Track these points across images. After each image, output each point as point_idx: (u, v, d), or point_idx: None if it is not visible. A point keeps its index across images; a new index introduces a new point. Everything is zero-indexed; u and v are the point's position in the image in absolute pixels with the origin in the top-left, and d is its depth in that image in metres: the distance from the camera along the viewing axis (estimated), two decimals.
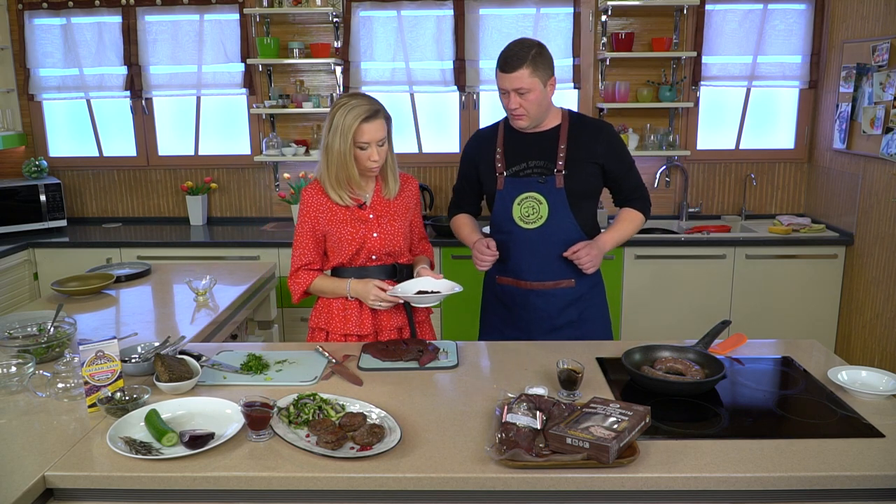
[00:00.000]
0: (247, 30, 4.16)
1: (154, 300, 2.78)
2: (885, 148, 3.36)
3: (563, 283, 2.32)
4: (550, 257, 2.28)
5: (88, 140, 4.47)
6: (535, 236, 2.28)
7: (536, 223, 2.28)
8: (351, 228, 2.21)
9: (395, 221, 2.26)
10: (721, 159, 4.28)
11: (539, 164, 2.27)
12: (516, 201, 2.29)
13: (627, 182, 2.35)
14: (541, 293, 2.33)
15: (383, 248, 2.25)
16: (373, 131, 2.08)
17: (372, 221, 2.23)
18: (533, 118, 2.23)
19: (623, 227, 2.35)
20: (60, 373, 1.83)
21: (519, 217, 2.29)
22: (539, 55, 2.15)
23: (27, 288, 3.88)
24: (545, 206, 2.26)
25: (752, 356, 2.06)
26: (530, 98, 2.17)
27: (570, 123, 2.29)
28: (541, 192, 2.26)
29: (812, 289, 3.83)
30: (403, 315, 2.32)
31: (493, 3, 4.09)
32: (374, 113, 2.08)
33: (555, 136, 2.27)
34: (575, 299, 2.33)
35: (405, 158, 4.36)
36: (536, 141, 2.29)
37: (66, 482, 1.44)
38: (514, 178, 2.29)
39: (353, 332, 2.26)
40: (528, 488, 1.41)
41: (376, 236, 2.23)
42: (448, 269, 3.82)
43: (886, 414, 1.66)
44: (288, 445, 1.51)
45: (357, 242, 2.22)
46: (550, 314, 2.33)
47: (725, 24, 4.07)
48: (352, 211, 2.22)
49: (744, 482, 1.41)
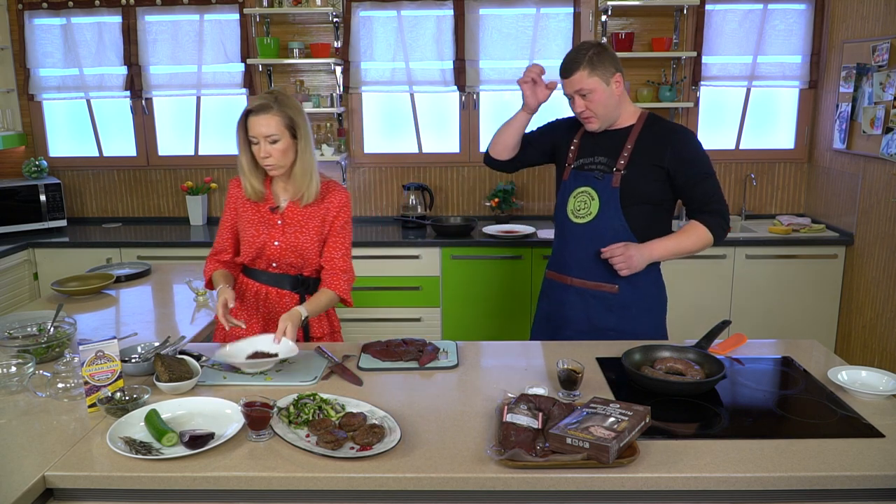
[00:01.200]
0: (247, 30, 4.16)
1: (154, 300, 2.78)
2: (885, 148, 3.36)
3: (605, 287, 2.25)
4: (595, 256, 2.22)
5: (88, 140, 4.47)
6: (582, 231, 2.25)
7: (586, 218, 2.24)
8: (254, 230, 2.18)
9: (302, 233, 2.18)
10: (721, 159, 4.28)
11: (603, 160, 2.24)
12: (573, 194, 2.28)
13: (696, 192, 2.20)
14: (580, 291, 2.29)
15: (283, 258, 2.19)
16: (257, 125, 2.02)
17: (277, 228, 2.17)
18: (602, 119, 2.21)
19: (680, 238, 2.21)
20: (60, 373, 1.83)
21: (571, 210, 2.28)
22: (596, 55, 2.15)
23: (27, 288, 3.88)
24: (596, 203, 2.22)
25: (752, 356, 2.06)
26: (594, 99, 2.16)
27: (644, 125, 2.24)
28: (595, 187, 2.23)
29: (812, 289, 3.83)
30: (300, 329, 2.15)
31: (493, 3, 4.09)
32: (262, 107, 2.02)
33: (625, 135, 2.24)
34: (616, 306, 2.26)
35: (405, 158, 4.36)
36: (607, 138, 2.26)
37: (66, 482, 1.44)
38: (577, 171, 2.29)
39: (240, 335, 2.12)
40: (528, 488, 1.41)
41: (277, 245, 2.17)
42: (448, 269, 3.82)
43: (886, 414, 1.66)
44: (288, 445, 1.51)
45: (257, 246, 2.18)
46: (588, 315, 2.28)
47: (725, 24, 4.07)
48: (262, 213, 2.18)
49: (744, 482, 1.41)
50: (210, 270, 2.27)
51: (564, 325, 2.33)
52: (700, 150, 2.24)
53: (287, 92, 2.13)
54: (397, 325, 3.85)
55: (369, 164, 4.38)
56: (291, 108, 2.07)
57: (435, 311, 3.89)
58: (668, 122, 2.30)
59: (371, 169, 4.38)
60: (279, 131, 2.04)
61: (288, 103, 2.07)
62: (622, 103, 2.24)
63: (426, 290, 3.85)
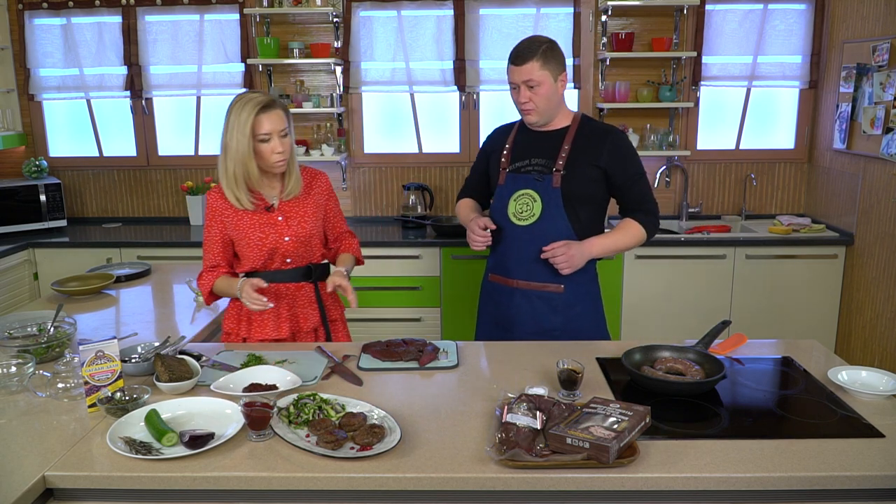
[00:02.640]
0: (247, 30, 4.16)
1: (154, 300, 2.78)
2: (885, 148, 3.36)
3: (551, 287, 2.28)
4: (539, 257, 2.24)
5: (88, 140, 4.47)
6: (526, 234, 2.26)
7: (528, 220, 2.25)
8: (260, 234, 2.16)
9: (306, 222, 2.22)
10: (721, 159, 4.29)
11: (540, 162, 2.26)
12: (512, 197, 2.28)
13: (631, 192, 2.28)
14: (526, 293, 2.30)
15: (297, 251, 2.21)
16: (273, 121, 2.04)
17: (281, 224, 2.18)
18: (542, 113, 2.22)
19: (616, 235, 2.28)
20: (60, 373, 1.83)
21: (513, 213, 2.28)
22: (550, 50, 2.17)
23: (27, 288, 3.88)
24: (539, 204, 2.24)
25: (752, 356, 2.06)
26: (540, 92, 2.17)
27: (579, 125, 2.27)
28: (536, 189, 2.24)
29: (812, 289, 3.83)
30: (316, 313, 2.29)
31: (493, 3, 4.09)
32: (270, 103, 2.05)
33: (561, 136, 2.27)
34: (561, 305, 2.29)
35: (405, 158, 4.36)
36: (542, 139, 2.28)
37: (66, 482, 1.44)
38: (514, 174, 2.29)
39: (271, 337, 2.23)
40: (528, 488, 1.41)
41: (288, 240, 2.19)
42: (448, 269, 3.82)
43: (886, 414, 1.65)
44: (288, 445, 1.51)
45: (268, 247, 2.17)
46: (534, 317, 2.30)
47: (725, 24, 4.07)
48: (259, 215, 2.17)
49: (744, 482, 1.41)
50: (210, 282, 2.21)
51: (512, 327, 2.33)
52: (633, 150, 2.31)
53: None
54: (397, 325, 3.85)
55: (369, 164, 4.38)
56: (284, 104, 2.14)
57: (435, 311, 3.89)
58: (600, 122, 2.34)
59: (371, 169, 4.38)
60: (287, 125, 2.10)
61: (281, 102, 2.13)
62: (561, 103, 2.27)
63: (426, 290, 3.85)
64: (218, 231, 2.19)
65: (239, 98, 2.06)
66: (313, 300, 2.29)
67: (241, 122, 2.02)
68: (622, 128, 4.11)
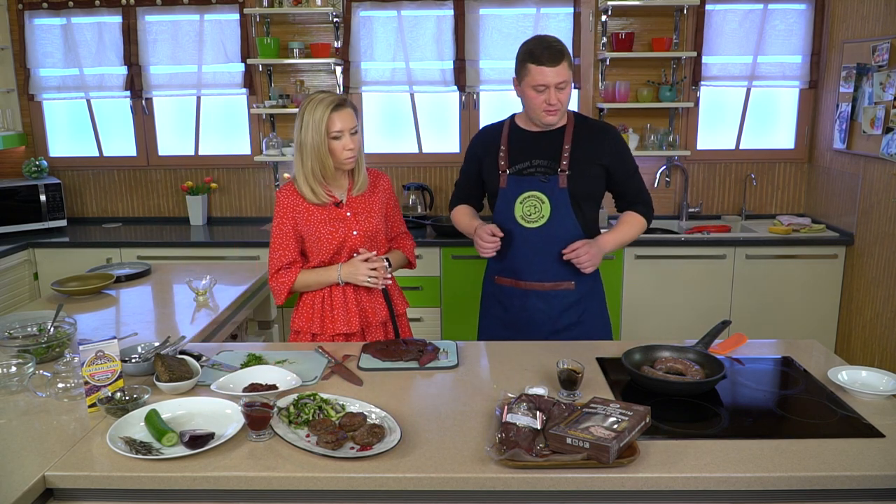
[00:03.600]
0: (247, 30, 4.16)
1: (154, 300, 2.78)
2: (885, 148, 3.36)
3: (563, 285, 2.30)
4: (551, 258, 2.27)
5: (88, 140, 4.47)
6: (536, 236, 2.27)
7: (538, 222, 2.26)
8: (330, 228, 2.23)
9: (372, 218, 2.29)
10: (721, 159, 4.28)
11: (543, 163, 2.25)
12: (518, 199, 2.27)
13: (630, 186, 2.34)
14: (540, 294, 2.31)
15: (364, 246, 2.27)
16: (344, 119, 2.14)
17: (350, 219, 2.26)
18: (562, 114, 2.25)
19: (624, 229, 2.34)
20: (60, 373, 1.83)
21: (521, 216, 2.27)
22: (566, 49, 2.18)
23: (27, 288, 3.88)
24: (547, 206, 2.24)
25: (752, 356, 2.06)
26: (566, 92, 2.17)
27: (576, 124, 2.28)
28: (543, 191, 2.24)
29: (812, 289, 3.83)
30: (386, 309, 2.34)
31: (493, 3, 4.09)
32: (343, 101, 2.15)
33: (559, 136, 2.26)
34: (574, 302, 2.32)
35: (405, 158, 4.36)
36: (541, 140, 2.28)
37: (66, 482, 1.44)
38: (517, 177, 2.27)
39: (342, 332, 2.26)
40: (528, 488, 1.41)
41: (356, 234, 2.26)
42: (448, 269, 3.82)
43: (886, 414, 1.66)
44: (288, 445, 1.51)
45: (337, 241, 2.23)
46: (551, 316, 2.31)
47: (725, 24, 4.07)
48: (328, 210, 2.24)
49: (744, 482, 1.41)
50: (290, 279, 2.24)
51: (526, 329, 2.33)
52: (627, 145, 2.36)
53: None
54: None
55: (369, 164, 4.35)
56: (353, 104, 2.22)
57: (435, 311, 3.89)
58: (595, 120, 2.36)
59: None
60: (356, 123, 2.19)
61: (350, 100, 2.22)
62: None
63: (426, 290, 3.85)
64: (290, 227, 2.24)
65: (311, 98, 2.15)
66: (380, 295, 2.34)
67: (315, 121, 2.11)
68: (621, 127, 4.11)
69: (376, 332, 2.33)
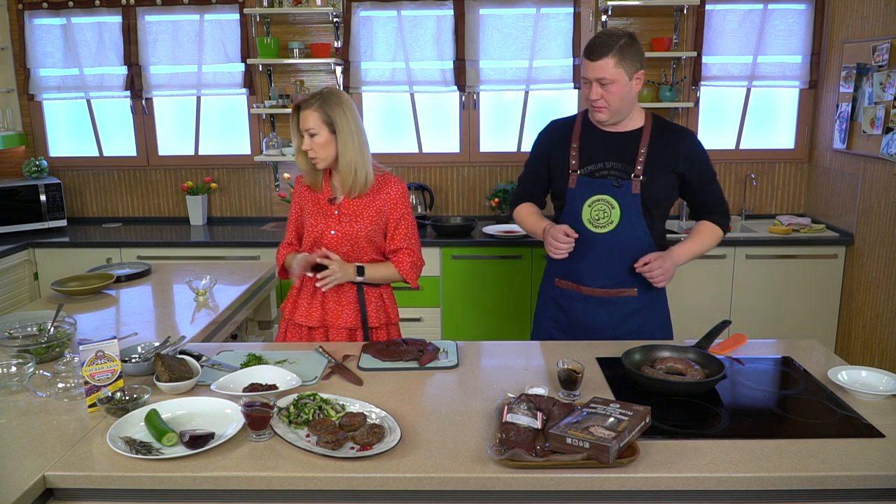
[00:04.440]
0: (247, 30, 4.16)
1: (154, 300, 2.78)
2: (885, 148, 3.36)
3: (626, 292, 2.22)
4: (616, 265, 2.19)
5: (88, 140, 4.47)
6: (603, 241, 2.18)
7: (607, 228, 2.17)
8: (313, 220, 2.30)
9: (356, 223, 2.26)
10: (721, 159, 4.28)
11: (617, 166, 2.16)
12: (587, 203, 2.17)
13: (708, 194, 2.23)
14: (603, 301, 2.23)
15: (339, 248, 2.27)
16: (303, 119, 2.19)
17: (334, 218, 2.28)
18: (614, 112, 2.11)
19: (700, 239, 2.24)
20: (60, 373, 1.83)
21: (588, 219, 2.18)
22: (627, 45, 2.05)
23: (27, 288, 3.88)
24: (617, 211, 2.15)
25: (752, 356, 2.06)
26: (613, 90, 2.06)
27: (654, 127, 2.18)
28: (615, 195, 2.15)
29: (812, 289, 3.83)
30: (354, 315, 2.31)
31: (493, 3, 4.09)
32: (306, 103, 2.19)
33: (636, 138, 2.17)
34: (637, 310, 2.24)
35: (405, 158, 4.36)
36: (616, 141, 2.18)
37: (66, 482, 1.44)
38: (588, 178, 2.18)
39: (303, 323, 2.32)
40: (528, 488, 1.41)
41: (333, 234, 2.27)
42: (448, 269, 3.82)
43: (886, 414, 1.66)
44: (288, 445, 1.51)
45: (314, 235, 2.29)
46: (612, 323, 2.24)
47: (725, 24, 4.07)
48: (321, 205, 2.30)
49: (744, 482, 1.41)
50: (282, 257, 2.42)
51: (586, 334, 2.27)
52: (705, 151, 2.24)
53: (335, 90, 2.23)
54: None
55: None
56: (333, 105, 2.18)
57: (435, 311, 3.89)
58: (673, 123, 2.25)
59: None
60: (317, 126, 2.18)
61: (331, 101, 2.19)
62: (634, 102, 2.16)
63: (426, 290, 3.85)
64: (295, 211, 2.39)
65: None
66: (354, 301, 2.31)
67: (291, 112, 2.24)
68: None
69: (339, 335, 2.31)
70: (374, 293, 2.34)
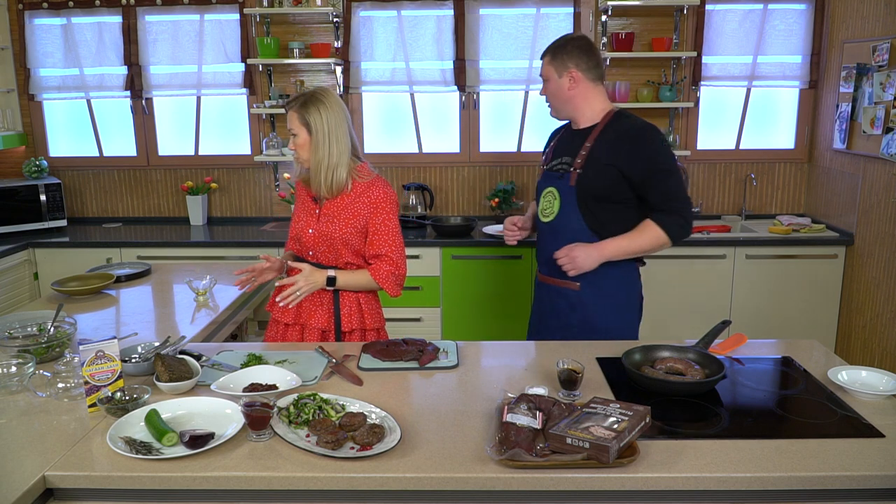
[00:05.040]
0: (247, 30, 4.16)
1: (154, 300, 2.78)
2: (885, 148, 3.36)
3: (570, 285, 2.30)
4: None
5: (88, 140, 4.47)
6: (548, 230, 2.33)
7: (549, 217, 2.31)
8: (297, 218, 2.35)
9: (334, 224, 2.24)
10: (721, 159, 4.29)
11: (566, 160, 2.28)
12: (542, 194, 2.35)
13: (653, 191, 2.19)
14: (552, 289, 2.35)
15: (318, 247, 2.28)
16: (288, 119, 2.23)
17: (314, 217, 2.30)
18: (555, 108, 2.31)
19: (633, 236, 2.21)
20: (60, 373, 1.83)
21: (540, 210, 2.35)
22: (562, 46, 2.21)
23: (27, 288, 3.88)
24: (558, 202, 2.28)
25: (752, 356, 2.06)
26: (546, 88, 2.27)
27: (607, 124, 2.24)
28: (557, 187, 2.28)
29: (812, 289, 3.83)
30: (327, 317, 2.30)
31: (493, 3, 4.09)
32: (288, 104, 2.23)
33: (586, 134, 2.27)
34: (578, 304, 2.30)
35: (405, 158, 4.36)
36: (573, 138, 2.32)
37: (66, 482, 1.44)
38: (547, 172, 2.36)
39: (280, 319, 2.35)
40: (528, 488, 1.41)
41: (311, 232, 2.28)
42: (448, 269, 3.82)
43: (886, 414, 1.66)
44: (288, 445, 1.51)
45: (296, 231, 2.34)
46: (559, 312, 2.34)
47: (725, 24, 4.07)
48: (307, 203, 2.34)
49: (744, 482, 1.41)
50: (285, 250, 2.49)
51: (545, 321, 2.39)
52: (659, 147, 2.20)
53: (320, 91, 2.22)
54: (397, 325, 3.84)
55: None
56: (310, 107, 2.19)
57: (435, 311, 3.89)
58: (631, 120, 2.25)
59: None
60: (296, 127, 2.21)
61: (311, 102, 2.19)
62: (577, 101, 2.26)
63: (426, 290, 3.85)
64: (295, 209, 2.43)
65: None
66: (328, 302, 2.31)
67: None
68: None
69: (313, 334, 2.32)
70: (350, 297, 2.31)
